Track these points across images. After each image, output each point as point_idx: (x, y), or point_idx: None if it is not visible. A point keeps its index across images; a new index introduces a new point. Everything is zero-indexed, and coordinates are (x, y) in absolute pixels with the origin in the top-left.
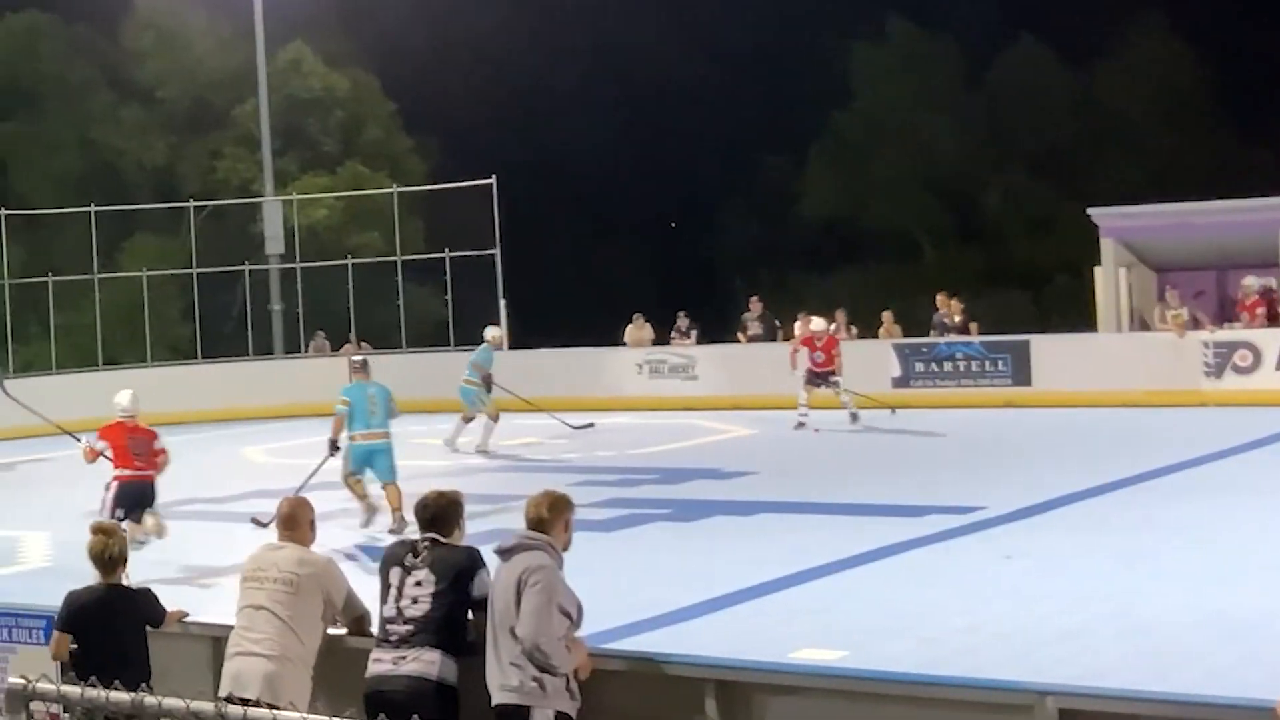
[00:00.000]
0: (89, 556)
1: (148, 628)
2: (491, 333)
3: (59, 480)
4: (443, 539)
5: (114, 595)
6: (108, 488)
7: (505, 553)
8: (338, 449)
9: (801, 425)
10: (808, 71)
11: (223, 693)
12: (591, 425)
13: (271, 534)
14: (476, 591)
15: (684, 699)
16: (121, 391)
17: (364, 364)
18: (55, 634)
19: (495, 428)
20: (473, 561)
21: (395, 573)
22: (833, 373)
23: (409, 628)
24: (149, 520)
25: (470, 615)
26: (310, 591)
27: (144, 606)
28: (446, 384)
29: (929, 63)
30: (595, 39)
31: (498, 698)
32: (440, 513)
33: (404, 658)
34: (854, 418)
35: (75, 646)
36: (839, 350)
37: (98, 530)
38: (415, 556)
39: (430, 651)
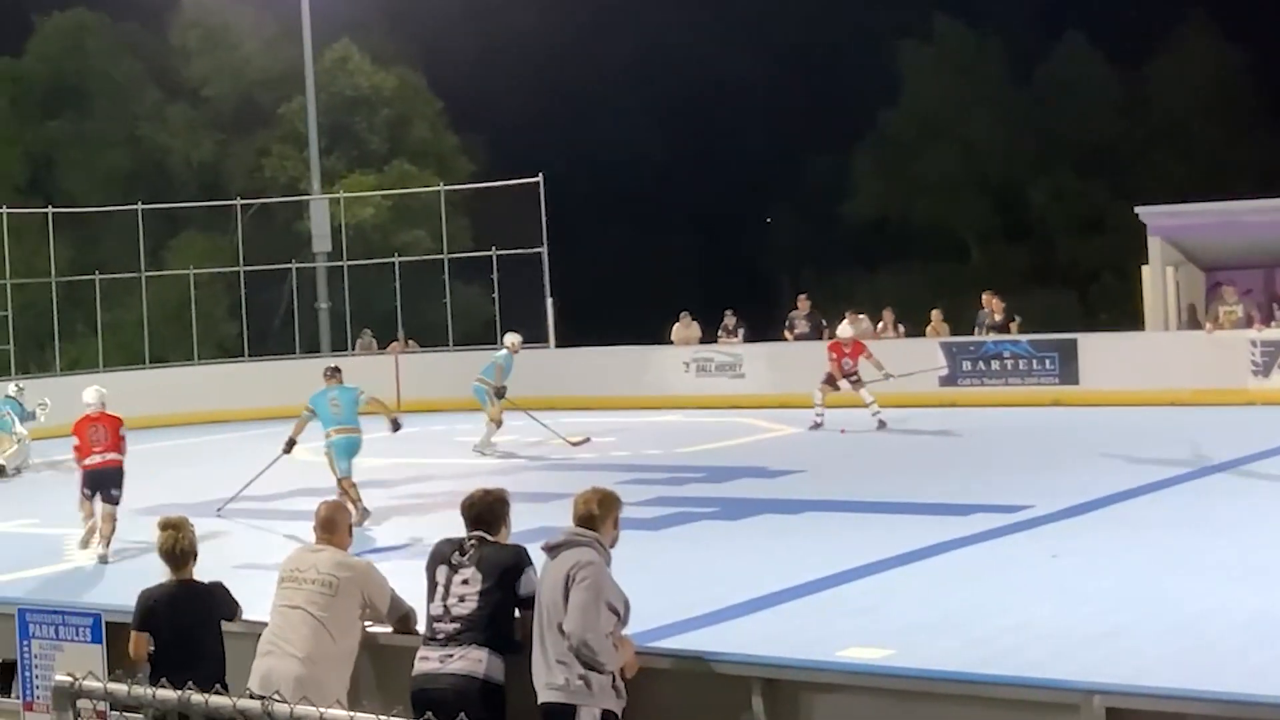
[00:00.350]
0: (159, 553)
1: (223, 622)
2: (511, 339)
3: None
4: (489, 537)
5: (185, 591)
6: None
7: (553, 549)
8: (292, 447)
9: (817, 425)
10: (854, 70)
11: (251, 690)
12: (588, 439)
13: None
14: (523, 590)
15: (731, 697)
16: (88, 389)
17: (334, 371)
18: (133, 634)
19: (497, 431)
20: (520, 560)
21: (442, 571)
22: (855, 375)
23: (456, 626)
24: (103, 506)
25: (517, 614)
26: (349, 594)
27: (216, 601)
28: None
29: (976, 61)
30: (642, 37)
31: (543, 696)
32: (486, 511)
33: (451, 656)
34: (880, 424)
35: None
36: (867, 353)
37: (166, 525)
38: (462, 555)
39: (477, 650)
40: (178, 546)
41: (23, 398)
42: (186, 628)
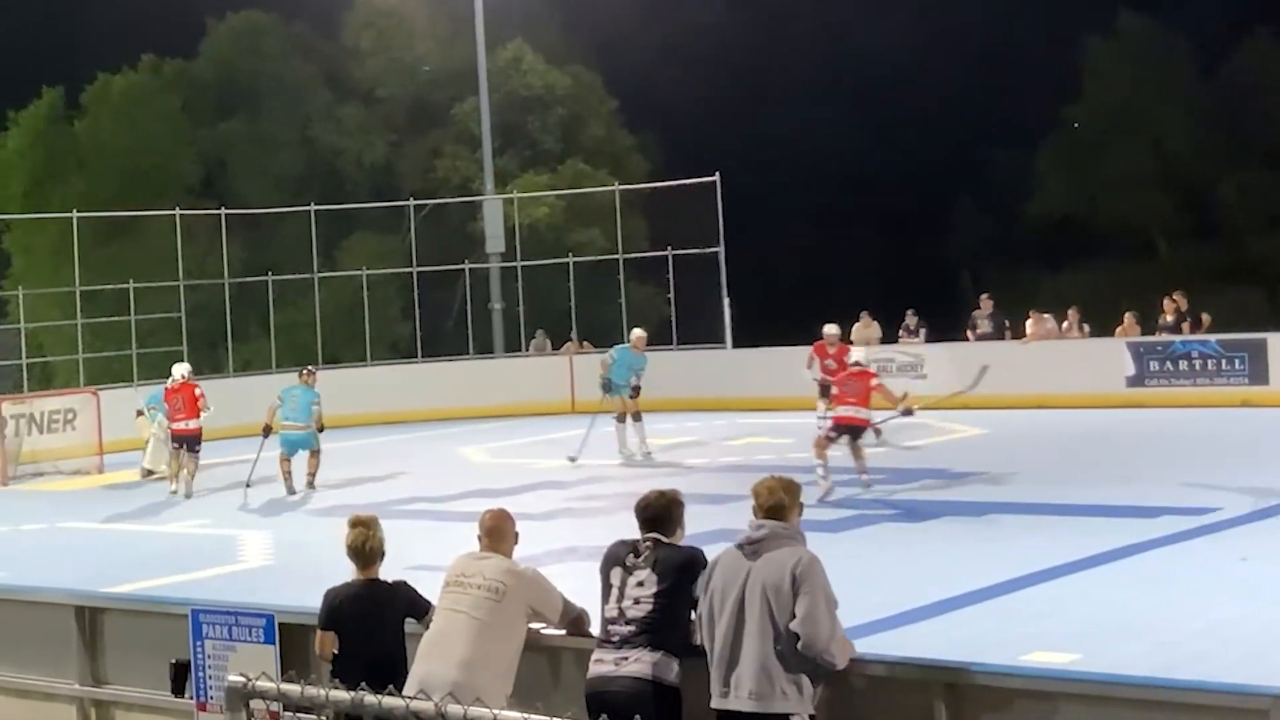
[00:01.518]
0: (347, 550)
1: (410, 620)
2: (636, 333)
3: (276, 480)
4: (665, 539)
5: (372, 591)
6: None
7: (755, 544)
8: (269, 432)
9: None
10: (1038, 66)
11: (408, 693)
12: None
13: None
14: (699, 592)
15: (913, 702)
16: (177, 365)
17: (310, 372)
18: (318, 633)
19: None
20: (696, 562)
21: (616, 573)
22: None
23: (630, 628)
24: (188, 456)
25: (693, 616)
26: (516, 601)
27: (401, 599)
28: (669, 383)
29: (1161, 56)
30: (821, 31)
31: (738, 704)
32: (662, 512)
33: (625, 659)
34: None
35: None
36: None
37: (356, 523)
38: (637, 556)
39: (652, 652)
40: (367, 544)
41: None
42: (375, 628)
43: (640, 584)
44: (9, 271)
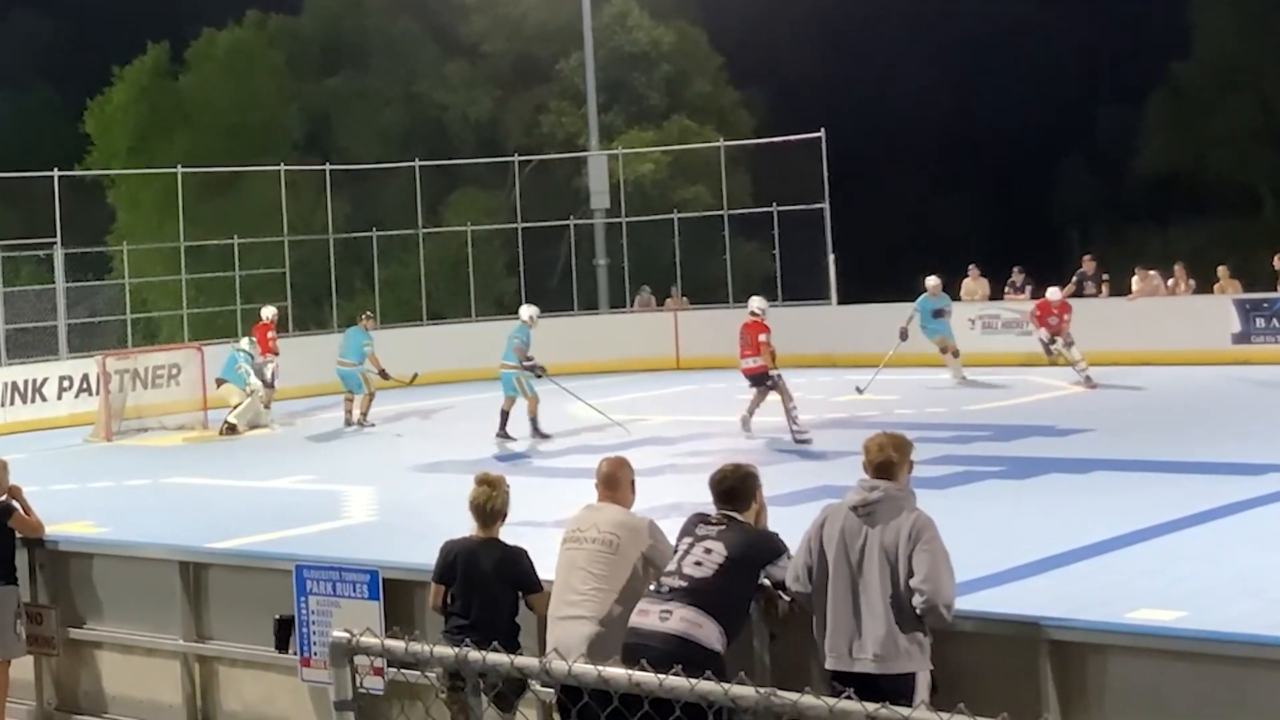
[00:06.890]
0: (470, 506)
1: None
2: (527, 311)
3: (380, 436)
4: (739, 517)
5: (485, 548)
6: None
7: (869, 507)
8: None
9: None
10: (1145, 22)
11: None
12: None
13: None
14: (776, 576)
15: (1017, 659)
16: (265, 307)
17: (369, 316)
18: (432, 585)
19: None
20: (773, 552)
21: (686, 541)
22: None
23: (684, 584)
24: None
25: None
26: (630, 552)
27: (515, 566)
28: (774, 339)
29: (1270, 12)
30: None
31: (868, 667)
32: (737, 485)
33: (669, 613)
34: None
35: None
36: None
37: (482, 481)
38: (709, 526)
39: (698, 613)
40: (489, 504)
41: (255, 350)
42: (479, 583)
43: (709, 551)
44: (113, 227)
